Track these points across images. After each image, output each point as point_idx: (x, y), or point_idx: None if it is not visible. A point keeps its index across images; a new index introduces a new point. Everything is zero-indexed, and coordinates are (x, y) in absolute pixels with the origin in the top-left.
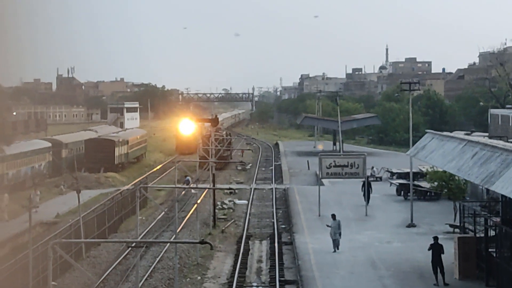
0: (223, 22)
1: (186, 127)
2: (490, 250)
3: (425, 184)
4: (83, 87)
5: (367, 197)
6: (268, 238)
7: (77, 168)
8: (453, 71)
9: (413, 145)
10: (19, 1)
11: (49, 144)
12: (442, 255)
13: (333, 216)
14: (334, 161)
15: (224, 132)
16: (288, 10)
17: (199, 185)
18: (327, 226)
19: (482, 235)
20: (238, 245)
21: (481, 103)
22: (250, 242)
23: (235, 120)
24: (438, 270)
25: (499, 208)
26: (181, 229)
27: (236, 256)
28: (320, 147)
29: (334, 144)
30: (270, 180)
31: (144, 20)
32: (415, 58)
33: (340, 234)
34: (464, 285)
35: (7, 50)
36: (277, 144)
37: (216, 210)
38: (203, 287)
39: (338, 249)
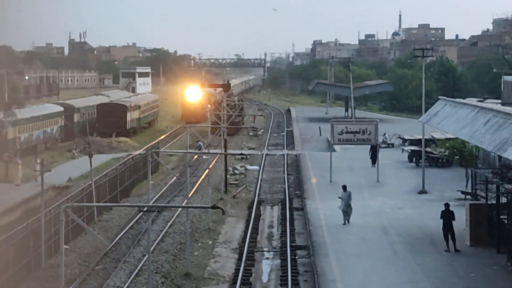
0: None
1: (193, 94)
2: (501, 217)
3: (437, 151)
4: (95, 51)
5: (374, 160)
6: (279, 204)
7: (89, 133)
8: (467, 37)
9: (425, 111)
10: None
11: (61, 109)
12: (453, 222)
13: (344, 187)
14: (346, 127)
15: (236, 98)
16: None
17: (211, 151)
18: (339, 198)
19: (494, 202)
20: (249, 210)
21: (494, 70)
22: (261, 207)
23: (245, 87)
24: (449, 237)
25: (511, 175)
26: (192, 194)
27: (247, 221)
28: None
29: (346, 110)
30: (281, 146)
31: None
32: (428, 25)
33: (350, 206)
34: (475, 251)
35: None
36: (289, 110)
37: (228, 176)
38: (215, 252)
39: (348, 222)
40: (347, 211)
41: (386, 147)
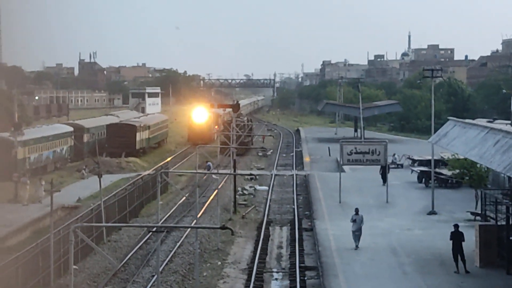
0: (245, 7)
1: (199, 115)
2: (511, 238)
3: (446, 172)
4: (105, 72)
5: (384, 178)
6: (289, 224)
7: (99, 153)
8: (476, 58)
9: (435, 132)
10: None
11: (71, 129)
12: (463, 243)
13: (356, 210)
14: (355, 148)
15: (245, 118)
16: None
17: (220, 171)
18: (351, 222)
19: (504, 223)
20: (258, 230)
21: (504, 91)
22: (270, 228)
23: (253, 108)
24: (459, 258)
25: None
26: (201, 214)
27: (257, 241)
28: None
29: (356, 131)
30: (291, 166)
31: (166, 4)
32: (437, 45)
33: (361, 230)
34: (485, 272)
35: (30, 35)
36: (298, 130)
37: (237, 196)
38: (223, 272)
39: (357, 246)
40: (358, 234)
41: (395, 168)
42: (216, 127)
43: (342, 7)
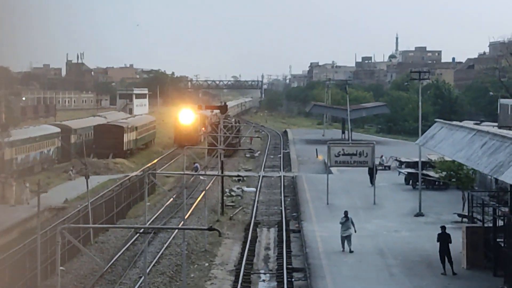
0: (233, 8)
1: (185, 117)
2: (498, 240)
3: (433, 174)
4: (92, 73)
5: (373, 178)
6: (276, 226)
7: (86, 154)
8: (463, 60)
9: (422, 134)
10: None
11: (58, 130)
12: (450, 245)
13: (346, 213)
14: (343, 150)
15: (233, 120)
16: None
17: (208, 172)
18: (340, 223)
19: (491, 225)
20: (246, 232)
21: (491, 93)
22: (258, 229)
23: (241, 109)
24: (446, 260)
25: (507, 198)
26: (189, 216)
27: (244, 243)
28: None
29: (343, 132)
30: (278, 167)
31: (154, 6)
32: (425, 47)
33: (350, 232)
34: (472, 274)
35: (16, 35)
36: (285, 132)
37: (224, 197)
38: (211, 274)
39: (350, 249)
40: (347, 237)
41: (383, 170)
42: (203, 128)
43: (329, 9)
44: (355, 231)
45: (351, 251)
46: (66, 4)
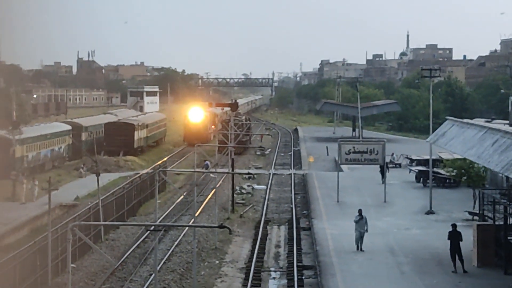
0: (243, 6)
1: (195, 115)
2: (509, 238)
3: (444, 171)
4: (103, 70)
5: (384, 175)
6: (287, 223)
7: (97, 151)
8: (474, 58)
9: (433, 132)
10: None
11: (69, 127)
12: (461, 243)
13: (360, 211)
14: (354, 147)
15: (243, 117)
16: None
17: (218, 170)
18: (354, 221)
19: (501, 223)
20: (256, 230)
21: (502, 91)
22: (268, 227)
23: (252, 107)
24: (457, 258)
25: None
26: (199, 213)
27: (254, 241)
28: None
29: (354, 130)
30: (289, 165)
31: (165, 3)
32: (436, 45)
33: (366, 231)
34: (483, 272)
35: (28, 33)
36: (296, 129)
37: (235, 195)
38: (221, 271)
39: (361, 248)
40: (361, 236)
41: (393, 167)
42: (213, 126)
43: (340, 6)
44: (367, 231)
45: (361, 250)
46: (77, 2)
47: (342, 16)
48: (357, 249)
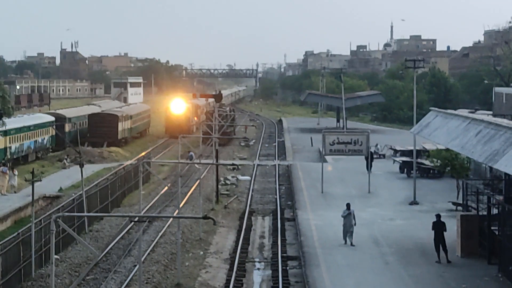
0: None
1: (177, 107)
2: (492, 228)
3: (428, 162)
4: (86, 61)
5: (369, 165)
6: (271, 214)
7: (81, 143)
8: (458, 49)
9: (417, 122)
10: None
11: (53, 118)
12: (445, 233)
13: (348, 205)
14: (338, 138)
15: (228, 108)
16: None
17: (202, 161)
18: (342, 216)
19: (485, 213)
20: (240, 220)
21: (486, 82)
22: (252, 218)
23: (235, 98)
24: (441, 248)
25: (502, 186)
26: (184, 204)
27: (239, 231)
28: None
29: (338, 121)
30: (273, 156)
31: None
32: (420, 36)
33: (353, 225)
34: (466, 262)
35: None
36: (280, 120)
37: (219, 186)
38: (206, 262)
39: (352, 243)
40: (349, 230)
41: (377, 158)
42: (195, 118)
43: None
44: (355, 224)
45: (352, 245)
46: None
47: (327, 7)
48: (345, 243)
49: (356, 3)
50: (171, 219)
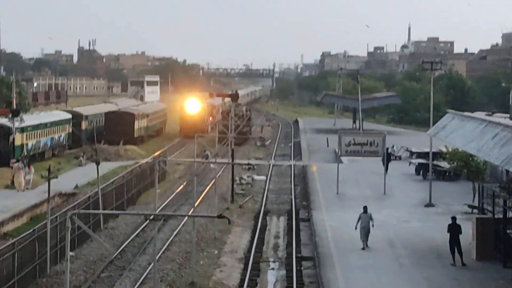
0: None
1: (191, 106)
2: (508, 231)
3: (444, 164)
4: (104, 59)
5: (386, 165)
6: (286, 214)
7: (97, 140)
8: (476, 51)
9: (433, 125)
10: None
11: (69, 116)
12: (460, 236)
13: (365, 208)
14: (354, 139)
15: (244, 108)
16: None
17: (218, 160)
18: (359, 220)
19: (501, 216)
20: (255, 220)
21: (503, 84)
22: (267, 217)
23: (251, 98)
24: (456, 250)
25: None
26: (199, 203)
27: (253, 231)
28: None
29: (354, 122)
30: (289, 156)
31: None
32: (437, 38)
33: (370, 228)
34: (482, 265)
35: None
36: (296, 121)
37: (235, 185)
38: (220, 261)
39: (367, 246)
40: (366, 233)
41: (393, 160)
42: (210, 118)
43: None
44: (373, 226)
45: (365, 247)
46: None
47: (344, 8)
48: (363, 247)
49: (373, 5)
50: (186, 217)
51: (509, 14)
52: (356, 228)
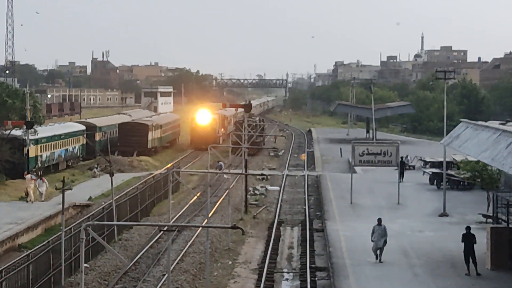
0: (258, 6)
1: (203, 118)
2: None
3: (458, 173)
4: (117, 70)
5: (400, 175)
6: (300, 225)
7: (111, 152)
8: (489, 60)
9: (447, 134)
10: None
11: (83, 127)
12: (475, 245)
13: (379, 220)
14: (367, 149)
15: (257, 118)
16: None
17: (232, 171)
18: (373, 232)
19: None
20: (269, 231)
21: None
22: (281, 228)
23: (264, 108)
24: (470, 260)
25: None
26: (213, 214)
27: (267, 242)
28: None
29: (368, 132)
30: (302, 166)
31: (179, 4)
32: (450, 47)
33: (385, 242)
34: (496, 275)
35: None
36: (310, 131)
37: (248, 196)
38: (234, 272)
39: (380, 259)
40: (381, 246)
41: (407, 169)
42: (222, 129)
43: (355, 7)
44: (386, 242)
45: (381, 261)
46: (92, 2)
47: (357, 17)
48: (376, 259)
49: (386, 14)
50: (200, 228)
51: None
52: (372, 241)
